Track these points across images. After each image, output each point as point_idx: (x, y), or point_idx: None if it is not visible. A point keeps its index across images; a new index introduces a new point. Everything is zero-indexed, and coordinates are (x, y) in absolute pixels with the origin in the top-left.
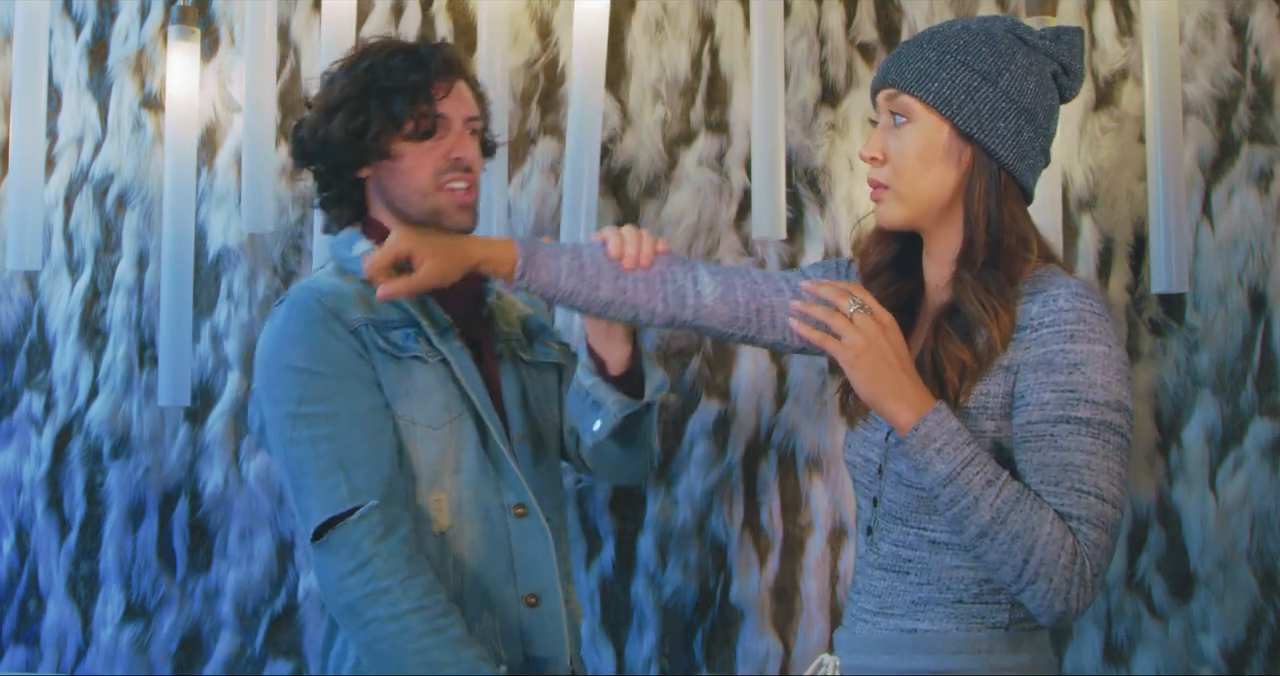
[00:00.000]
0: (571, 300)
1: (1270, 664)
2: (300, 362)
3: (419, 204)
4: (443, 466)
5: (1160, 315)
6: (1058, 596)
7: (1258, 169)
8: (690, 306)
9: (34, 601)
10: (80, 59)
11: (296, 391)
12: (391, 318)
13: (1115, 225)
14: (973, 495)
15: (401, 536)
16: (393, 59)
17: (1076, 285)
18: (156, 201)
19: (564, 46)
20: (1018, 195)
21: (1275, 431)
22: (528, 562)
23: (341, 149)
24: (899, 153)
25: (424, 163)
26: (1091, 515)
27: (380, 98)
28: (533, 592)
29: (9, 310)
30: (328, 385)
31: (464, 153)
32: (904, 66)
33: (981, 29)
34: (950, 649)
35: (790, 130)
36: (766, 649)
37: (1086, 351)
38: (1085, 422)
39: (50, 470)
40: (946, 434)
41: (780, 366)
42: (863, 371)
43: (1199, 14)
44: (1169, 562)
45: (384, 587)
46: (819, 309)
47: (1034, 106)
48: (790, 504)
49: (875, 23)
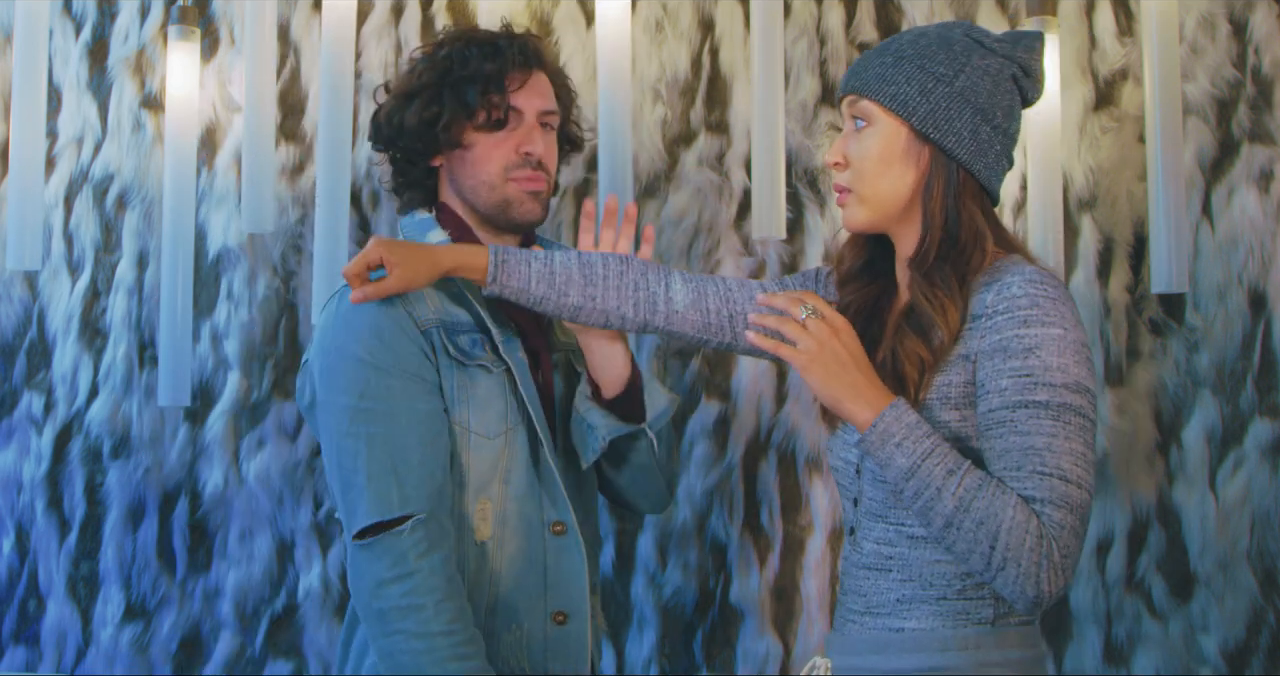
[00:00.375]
0: (542, 305)
1: (1270, 664)
2: (367, 356)
3: (487, 196)
4: (492, 476)
5: (1160, 315)
6: (1028, 580)
7: (1258, 169)
8: (661, 313)
9: (34, 601)
10: (80, 59)
11: (359, 385)
12: (461, 320)
13: (1115, 225)
14: (935, 486)
15: (444, 556)
16: (470, 48)
17: (1031, 271)
18: (156, 201)
19: (564, 46)
20: (978, 194)
21: (1275, 431)
22: (560, 580)
23: (414, 136)
24: (860, 156)
25: (494, 155)
26: (1055, 496)
27: (454, 87)
28: (562, 610)
29: (9, 310)
30: (392, 384)
31: (533, 147)
32: (863, 72)
33: (938, 34)
34: (938, 646)
35: (790, 130)
36: (766, 649)
37: (1041, 335)
38: (1044, 405)
39: (50, 470)
40: (905, 428)
41: (780, 366)
42: (817, 375)
43: (1199, 14)
44: (1169, 562)
45: (419, 604)
46: (772, 318)
47: (990, 106)
48: (790, 504)
49: (875, 23)
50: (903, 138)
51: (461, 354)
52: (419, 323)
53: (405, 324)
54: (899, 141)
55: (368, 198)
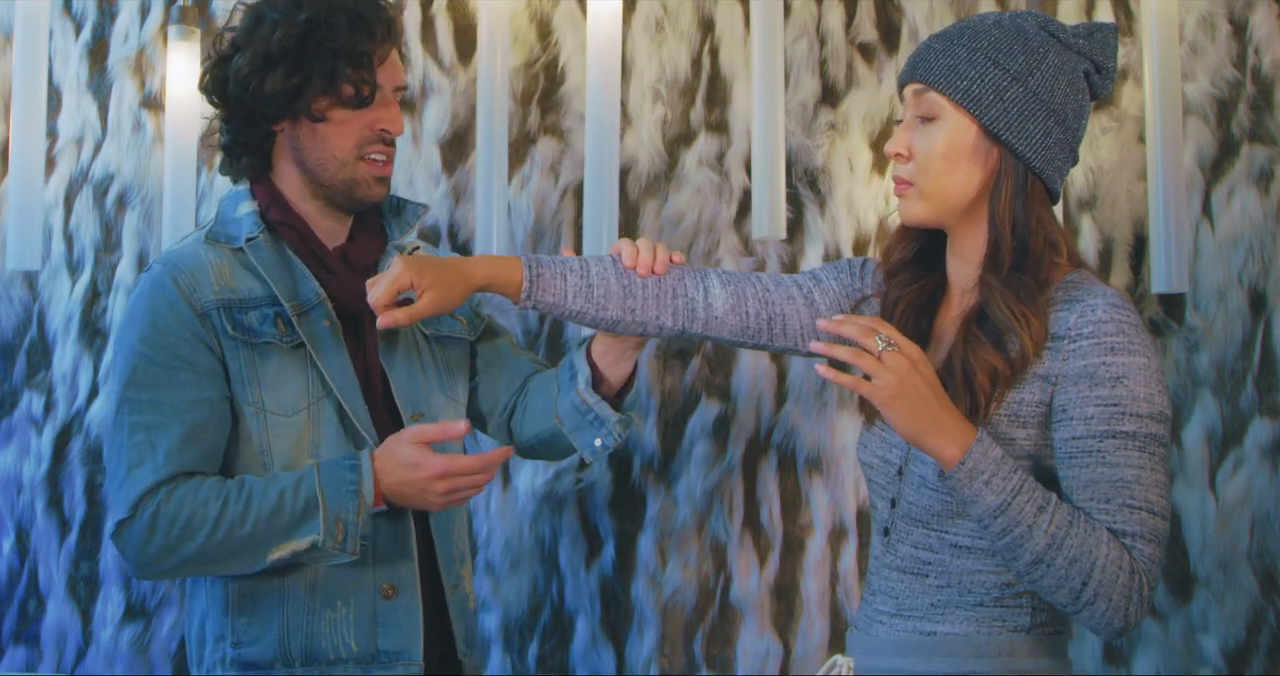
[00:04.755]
0: (579, 319)
1: (1270, 664)
2: (138, 343)
3: (335, 172)
4: (298, 452)
5: (1160, 315)
6: (1117, 614)
7: (1258, 169)
8: (700, 319)
9: (34, 601)
10: (80, 59)
11: (128, 372)
12: (254, 295)
13: (1115, 225)
14: (1026, 524)
15: (183, 487)
16: (335, 17)
17: (1112, 294)
18: (156, 201)
19: (564, 46)
20: (1044, 197)
21: (1275, 431)
22: (383, 551)
23: (269, 102)
24: (925, 150)
25: (348, 131)
26: (1145, 531)
27: (321, 58)
28: (390, 583)
29: (9, 310)
30: (158, 372)
31: (391, 124)
32: (933, 62)
33: (1014, 25)
34: (970, 652)
35: (790, 130)
36: (766, 649)
37: (1128, 364)
38: (1131, 437)
39: (50, 470)
40: (992, 464)
41: (780, 366)
42: (899, 411)
43: (1199, 14)
44: (1169, 562)
45: (188, 513)
46: (844, 350)
47: (1064, 107)
48: (790, 504)
49: (875, 23)
50: (972, 136)
51: (247, 333)
52: (196, 306)
53: (181, 309)
54: (968, 139)
55: None
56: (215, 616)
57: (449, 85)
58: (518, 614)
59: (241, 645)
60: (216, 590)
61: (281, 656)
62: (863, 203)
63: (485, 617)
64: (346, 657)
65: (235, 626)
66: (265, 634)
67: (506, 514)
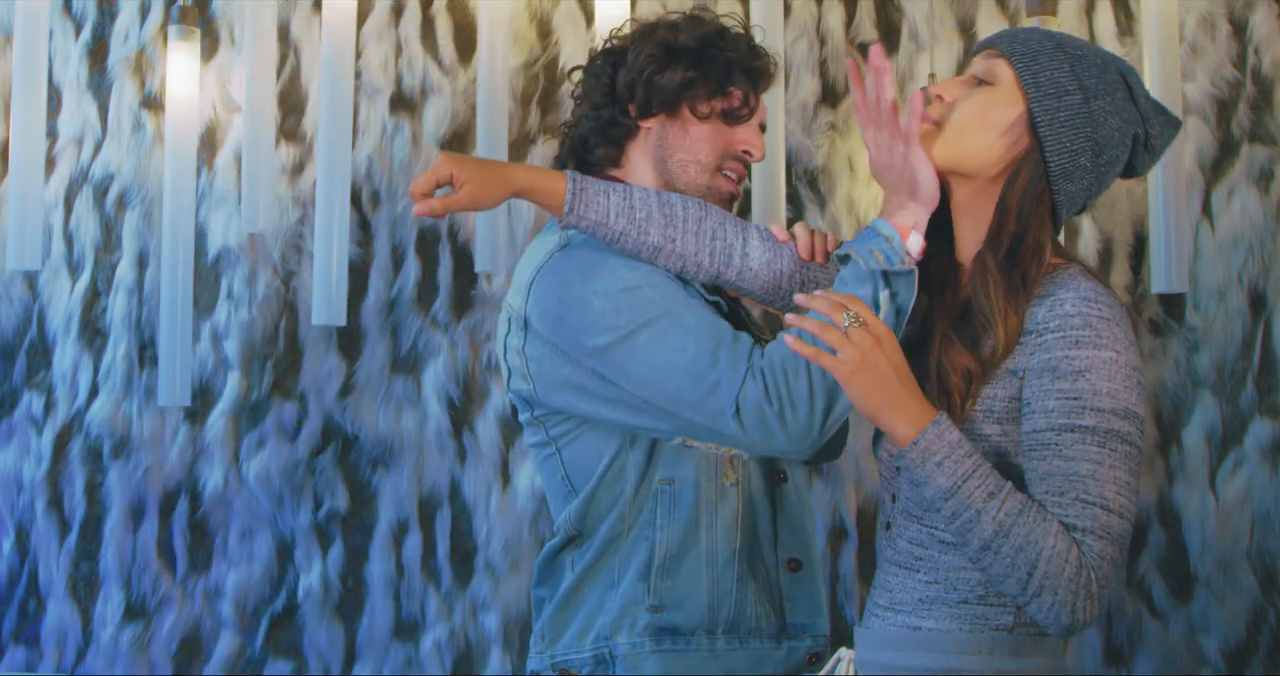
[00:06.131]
0: (620, 242)
1: (1270, 664)
2: (614, 287)
3: (694, 175)
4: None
5: (1160, 315)
6: (1063, 609)
7: (1258, 169)
8: (735, 266)
9: (34, 601)
10: (80, 59)
11: (626, 314)
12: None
13: (1115, 225)
14: (974, 508)
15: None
16: (739, 40)
17: (1087, 288)
18: (156, 201)
19: (564, 46)
20: (1048, 210)
21: (1275, 431)
22: (789, 527)
23: (658, 93)
24: (966, 103)
25: (717, 141)
26: (1096, 526)
27: (721, 61)
28: (793, 558)
29: (9, 310)
30: (653, 294)
31: (756, 149)
32: (1015, 39)
33: (1102, 57)
34: (952, 648)
35: (790, 130)
36: None
37: (1091, 357)
38: (1090, 431)
39: (50, 470)
40: (946, 446)
41: None
42: (858, 387)
43: (1199, 14)
44: (1169, 562)
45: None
46: (812, 322)
47: (1105, 142)
48: None
49: (875, 23)
50: (1015, 114)
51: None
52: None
53: (622, 256)
54: (1009, 115)
55: (368, 197)
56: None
57: (449, 85)
58: (518, 614)
59: (664, 609)
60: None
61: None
62: (863, 203)
63: (485, 617)
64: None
65: (658, 589)
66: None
67: (506, 514)
